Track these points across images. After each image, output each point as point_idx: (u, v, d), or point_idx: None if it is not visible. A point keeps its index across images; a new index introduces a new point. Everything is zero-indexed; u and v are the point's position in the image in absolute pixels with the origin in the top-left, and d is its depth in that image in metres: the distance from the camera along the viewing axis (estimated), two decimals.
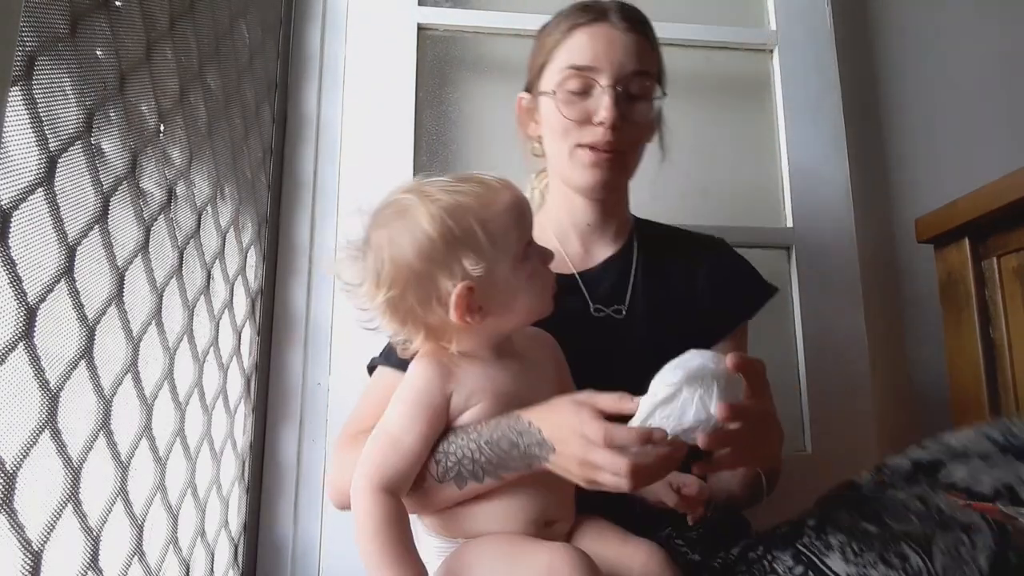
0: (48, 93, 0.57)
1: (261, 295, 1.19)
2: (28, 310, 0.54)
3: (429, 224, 0.68)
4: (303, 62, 1.34)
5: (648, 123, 0.97)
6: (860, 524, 0.70)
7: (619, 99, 0.90)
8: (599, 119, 0.90)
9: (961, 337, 1.14)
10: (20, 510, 0.53)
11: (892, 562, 0.65)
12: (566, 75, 0.92)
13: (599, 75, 0.91)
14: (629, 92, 0.92)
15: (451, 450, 0.71)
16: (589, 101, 0.91)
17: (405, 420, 0.70)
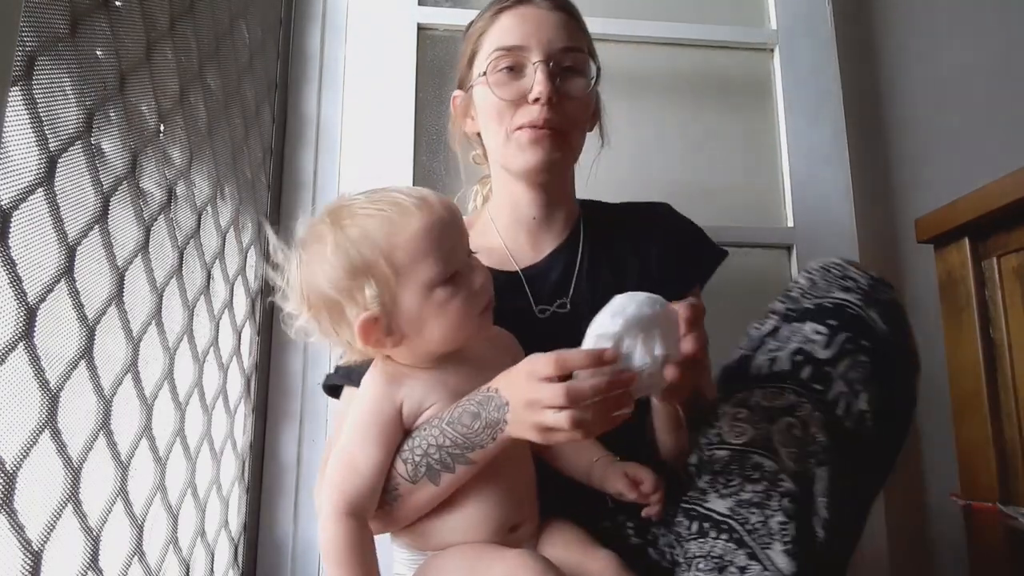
0: (48, 93, 0.57)
1: (261, 295, 1.19)
2: (28, 310, 0.54)
3: (333, 255, 0.67)
4: (303, 62, 1.34)
5: (586, 99, 0.93)
6: (713, 454, 0.73)
7: (552, 74, 0.88)
8: (534, 95, 0.87)
9: (961, 337, 1.13)
10: (20, 510, 0.53)
11: (753, 476, 0.68)
12: (496, 56, 0.90)
13: (529, 52, 0.89)
14: (562, 67, 0.90)
15: (415, 444, 0.69)
16: (522, 80, 0.89)
17: (358, 438, 0.70)
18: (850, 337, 0.69)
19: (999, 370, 1.08)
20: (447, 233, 0.70)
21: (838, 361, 0.69)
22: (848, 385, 0.68)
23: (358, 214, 0.69)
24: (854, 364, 0.68)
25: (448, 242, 0.69)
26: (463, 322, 0.70)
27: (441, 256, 0.69)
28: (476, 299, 0.70)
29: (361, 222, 0.68)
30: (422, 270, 0.68)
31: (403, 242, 0.67)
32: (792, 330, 0.73)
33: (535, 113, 0.88)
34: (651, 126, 1.41)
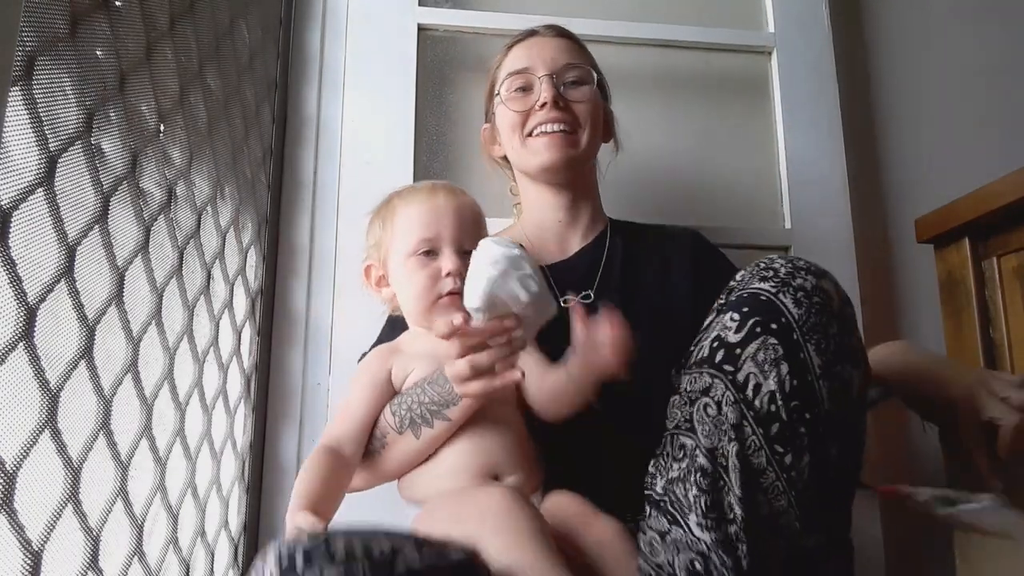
0: (48, 93, 0.57)
1: (261, 295, 1.19)
2: (28, 310, 0.54)
3: (372, 211, 0.93)
4: (303, 62, 1.34)
5: (592, 102, 1.04)
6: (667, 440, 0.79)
7: (555, 84, 1.01)
8: (540, 101, 1.01)
9: (961, 337, 1.14)
10: (20, 510, 0.53)
11: (678, 455, 0.76)
12: (509, 81, 1.05)
13: (535, 71, 1.03)
14: (565, 81, 1.03)
15: (403, 400, 0.80)
16: (532, 95, 1.03)
17: (355, 389, 0.83)
18: (758, 321, 0.73)
19: (999, 370, 1.08)
20: (436, 217, 0.85)
21: (747, 344, 0.72)
22: (757, 366, 0.71)
23: (400, 192, 0.92)
24: (762, 346, 0.72)
25: (434, 225, 0.85)
26: (422, 296, 0.84)
27: (421, 233, 0.85)
28: (437, 281, 0.83)
29: (398, 193, 0.92)
30: (404, 238, 0.86)
31: (400, 213, 0.88)
32: (716, 320, 0.77)
33: (543, 116, 1.01)
34: (649, 128, 1.41)
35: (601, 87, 1.08)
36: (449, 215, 0.86)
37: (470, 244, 0.80)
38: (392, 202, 0.91)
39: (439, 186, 0.90)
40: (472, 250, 0.77)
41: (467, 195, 0.91)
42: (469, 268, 0.72)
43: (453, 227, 0.85)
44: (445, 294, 0.83)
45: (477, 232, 0.87)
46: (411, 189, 0.92)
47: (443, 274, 0.83)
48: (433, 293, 0.83)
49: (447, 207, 0.86)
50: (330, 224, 1.29)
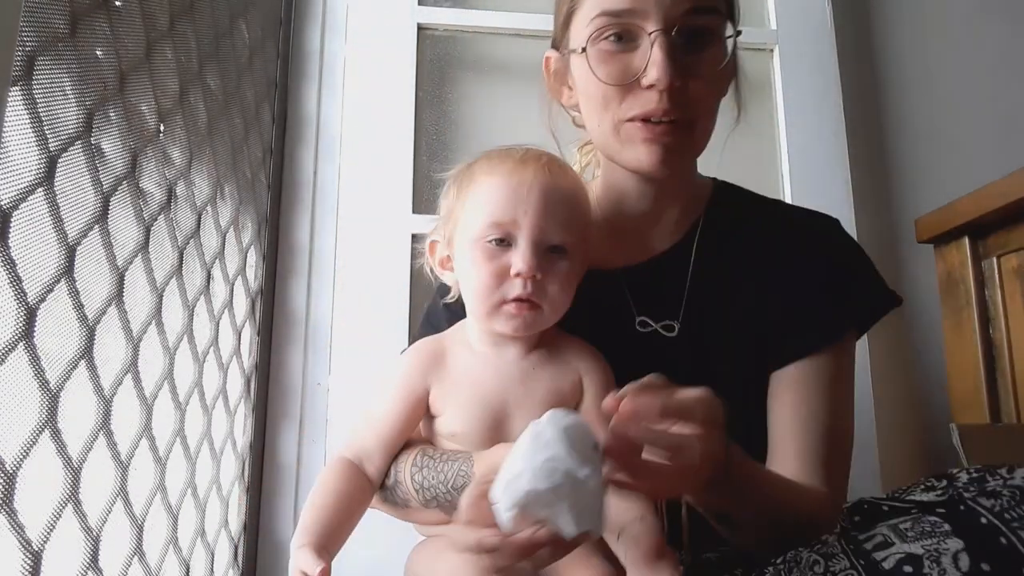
0: (48, 93, 0.57)
1: (261, 295, 1.19)
2: (28, 310, 0.54)
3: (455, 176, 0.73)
4: (303, 62, 1.34)
5: (720, 75, 0.73)
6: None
7: (675, 49, 0.68)
8: (650, 81, 0.68)
9: (961, 337, 1.13)
10: (20, 510, 0.53)
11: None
12: (599, 24, 0.70)
13: (644, 19, 0.68)
14: (688, 36, 0.69)
15: (426, 477, 0.68)
16: (634, 55, 0.70)
17: (386, 405, 0.71)
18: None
19: (999, 370, 1.08)
20: (517, 197, 0.65)
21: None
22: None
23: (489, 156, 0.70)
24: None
25: (512, 207, 0.65)
26: (483, 295, 0.67)
27: (493, 214, 0.66)
28: (504, 281, 0.65)
29: (478, 165, 0.70)
30: (474, 217, 0.67)
31: (479, 183, 0.68)
32: (934, 533, 0.53)
33: (652, 103, 0.69)
34: None
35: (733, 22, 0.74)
36: (535, 196, 0.65)
37: (557, 238, 0.66)
38: (474, 166, 0.70)
39: (532, 156, 0.68)
40: (559, 245, 0.66)
41: (568, 172, 0.70)
42: (518, 447, 0.51)
43: (536, 213, 0.65)
44: (511, 299, 0.65)
45: (570, 224, 0.67)
46: (500, 154, 0.69)
47: (512, 273, 0.65)
48: (497, 295, 0.66)
49: (535, 185, 0.65)
50: (330, 224, 1.29)
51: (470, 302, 0.69)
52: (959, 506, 0.54)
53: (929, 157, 1.48)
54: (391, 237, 1.29)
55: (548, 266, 0.66)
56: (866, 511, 0.59)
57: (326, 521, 0.64)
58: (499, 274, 0.65)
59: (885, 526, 0.55)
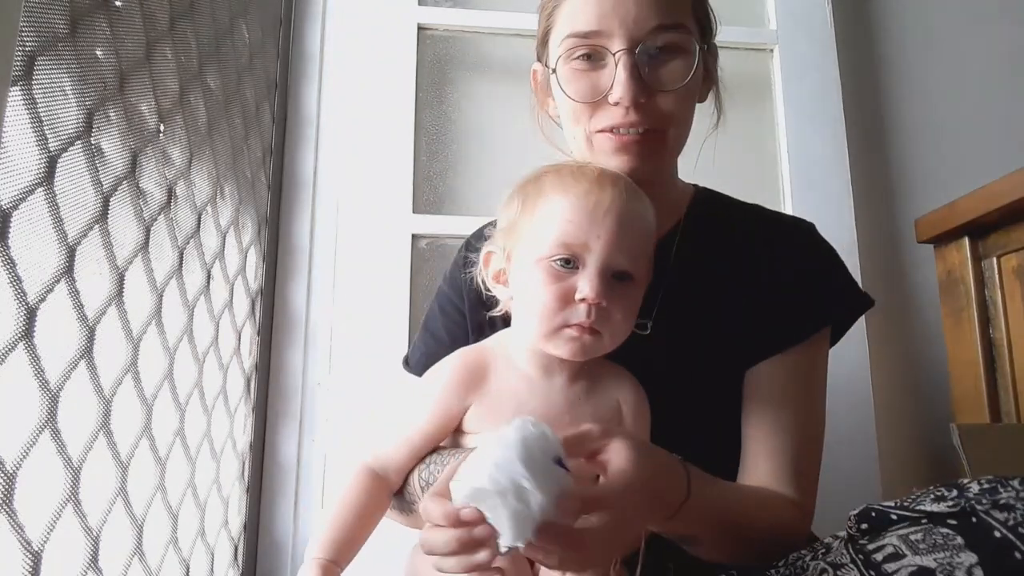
0: (48, 93, 0.57)
1: (261, 295, 1.19)
2: (28, 310, 0.54)
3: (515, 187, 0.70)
4: (303, 62, 1.34)
5: (688, 86, 0.74)
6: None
7: (638, 68, 0.71)
8: (615, 99, 0.71)
9: (961, 337, 1.13)
10: (20, 510, 0.53)
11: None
12: (568, 45, 0.74)
13: (609, 39, 0.72)
14: (651, 51, 0.72)
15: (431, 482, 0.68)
16: (602, 73, 0.73)
17: (419, 417, 0.69)
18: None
19: (999, 370, 1.08)
20: (591, 220, 0.63)
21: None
22: None
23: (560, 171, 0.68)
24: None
25: (585, 229, 0.63)
26: (544, 317, 0.64)
27: (564, 234, 0.63)
28: (567, 306, 0.63)
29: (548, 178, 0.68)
30: (542, 234, 0.64)
31: (549, 199, 0.65)
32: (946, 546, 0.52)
33: (619, 117, 0.72)
34: None
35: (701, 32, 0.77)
36: (610, 221, 0.63)
37: (626, 264, 0.64)
38: (543, 180, 0.67)
39: (609, 178, 0.66)
40: (626, 272, 0.64)
41: (643, 199, 0.68)
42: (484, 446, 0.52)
43: (609, 239, 0.63)
44: (572, 324, 0.63)
45: (640, 252, 0.66)
46: (574, 171, 0.67)
47: (576, 298, 0.63)
48: (559, 318, 0.63)
49: (612, 210, 0.63)
50: (330, 224, 1.29)
51: (527, 322, 0.66)
52: (971, 518, 0.53)
53: (929, 157, 1.48)
54: (391, 237, 1.29)
55: (613, 293, 0.64)
56: (874, 519, 0.58)
57: (345, 536, 0.65)
58: (563, 297, 0.63)
59: (895, 536, 0.55)
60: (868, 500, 0.96)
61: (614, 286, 0.64)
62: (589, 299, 0.62)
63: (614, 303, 0.64)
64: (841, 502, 1.21)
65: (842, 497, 1.21)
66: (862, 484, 1.26)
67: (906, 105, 1.51)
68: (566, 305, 0.63)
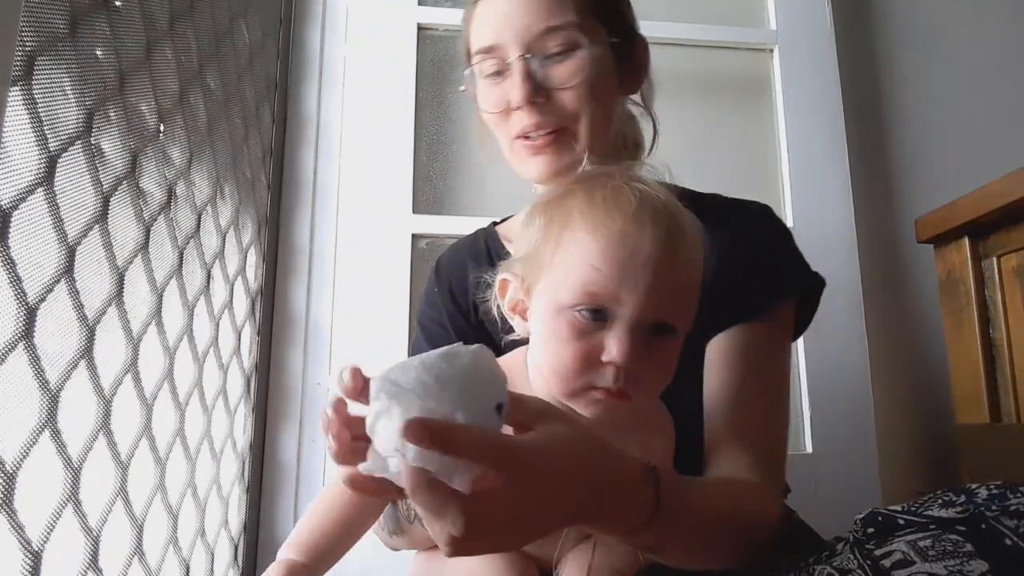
0: (48, 93, 0.57)
1: (261, 295, 1.19)
2: (28, 310, 0.54)
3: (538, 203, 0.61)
4: (303, 62, 1.34)
5: (587, 77, 0.76)
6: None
7: (531, 71, 0.75)
8: (513, 103, 0.75)
9: (961, 337, 1.13)
10: (20, 510, 0.53)
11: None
12: (477, 61, 0.79)
13: (506, 50, 0.76)
14: (546, 54, 0.75)
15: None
16: (506, 84, 0.77)
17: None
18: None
19: (999, 370, 1.08)
20: (628, 268, 0.53)
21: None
22: None
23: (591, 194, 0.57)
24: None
25: (617, 283, 0.53)
26: (566, 374, 0.55)
27: (595, 283, 0.54)
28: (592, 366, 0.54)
29: (577, 203, 0.57)
30: (562, 278, 0.56)
31: (579, 236, 0.55)
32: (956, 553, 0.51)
33: (524, 120, 0.76)
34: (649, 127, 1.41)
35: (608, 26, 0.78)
36: (647, 273, 0.54)
37: (665, 317, 0.55)
38: (571, 205, 0.57)
39: (649, 215, 0.55)
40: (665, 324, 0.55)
41: (689, 233, 0.57)
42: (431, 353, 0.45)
43: (647, 292, 0.54)
44: (599, 388, 0.55)
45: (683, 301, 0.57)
46: (607, 199, 0.56)
47: (603, 359, 0.54)
48: (581, 381, 0.55)
49: (650, 259, 0.54)
50: (330, 224, 1.29)
51: (547, 374, 0.58)
52: (980, 524, 0.52)
53: (929, 157, 1.48)
54: (391, 237, 1.29)
55: (648, 351, 0.55)
56: (880, 523, 0.58)
57: (322, 538, 0.62)
58: (587, 357, 0.54)
59: (903, 542, 0.53)
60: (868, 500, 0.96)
61: (650, 341, 0.55)
62: (618, 363, 0.54)
63: (648, 362, 0.55)
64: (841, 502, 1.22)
65: (842, 497, 1.21)
66: (862, 484, 1.27)
67: (906, 105, 1.51)
68: (591, 366, 0.54)
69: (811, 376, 1.31)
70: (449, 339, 0.85)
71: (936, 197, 1.22)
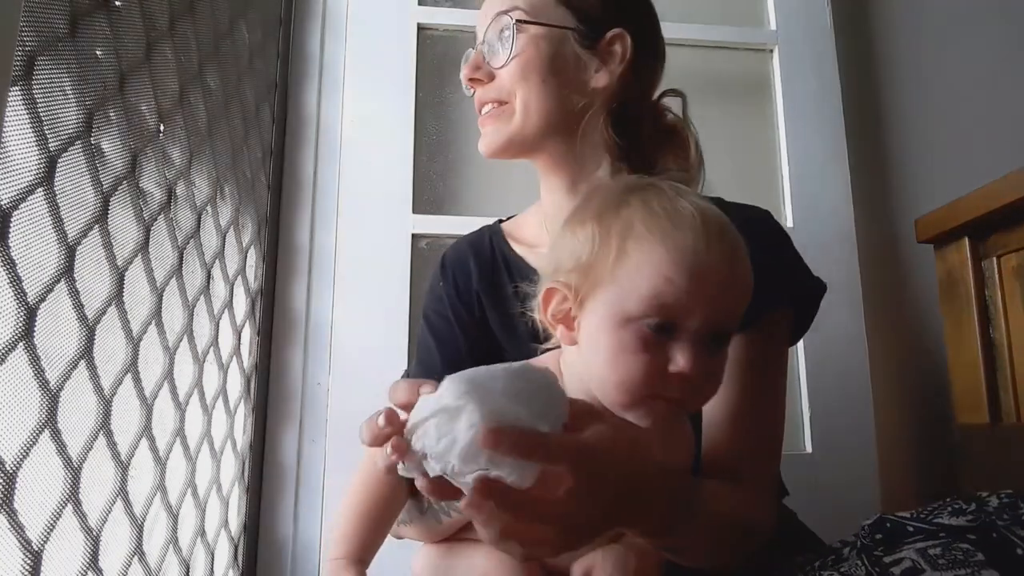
0: (48, 93, 0.57)
1: (261, 295, 1.19)
2: (28, 310, 0.54)
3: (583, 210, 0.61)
4: (303, 62, 1.34)
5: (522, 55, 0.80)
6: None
7: (480, 52, 0.84)
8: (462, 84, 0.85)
9: (961, 337, 1.13)
10: (20, 510, 0.53)
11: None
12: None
13: (478, 38, 0.86)
14: (490, 39, 0.84)
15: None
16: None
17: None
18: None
19: (999, 370, 1.08)
20: (694, 280, 0.54)
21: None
22: None
23: (649, 204, 0.57)
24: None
25: (686, 291, 0.54)
26: (631, 386, 0.55)
27: (660, 298, 0.54)
28: (660, 378, 0.55)
29: (637, 214, 0.57)
30: (628, 290, 0.55)
31: (642, 247, 0.55)
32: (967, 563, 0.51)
33: (476, 97, 0.85)
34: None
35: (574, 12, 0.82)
36: (717, 284, 0.55)
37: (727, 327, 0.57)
38: (631, 216, 0.57)
39: (715, 229, 0.56)
40: (725, 334, 0.57)
41: (744, 256, 0.58)
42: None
43: (715, 303, 0.55)
44: (663, 396, 0.56)
45: (741, 311, 0.59)
46: (667, 210, 0.57)
47: (671, 370, 0.55)
48: (648, 390, 0.55)
49: (720, 270, 0.55)
50: (330, 224, 1.29)
51: (606, 387, 0.57)
52: (992, 533, 0.52)
53: (929, 157, 1.48)
54: (391, 237, 1.29)
55: (710, 358, 0.56)
56: (888, 530, 0.57)
57: (365, 529, 0.63)
58: (655, 370, 0.55)
59: (913, 550, 0.53)
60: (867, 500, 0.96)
61: (711, 349, 0.56)
62: (689, 375, 0.54)
63: (709, 370, 0.56)
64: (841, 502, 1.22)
65: (842, 497, 1.21)
66: (861, 484, 1.26)
67: (906, 105, 1.51)
68: (657, 378, 0.55)
69: (811, 376, 1.31)
70: (454, 333, 0.86)
71: (936, 197, 1.22)
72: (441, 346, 0.86)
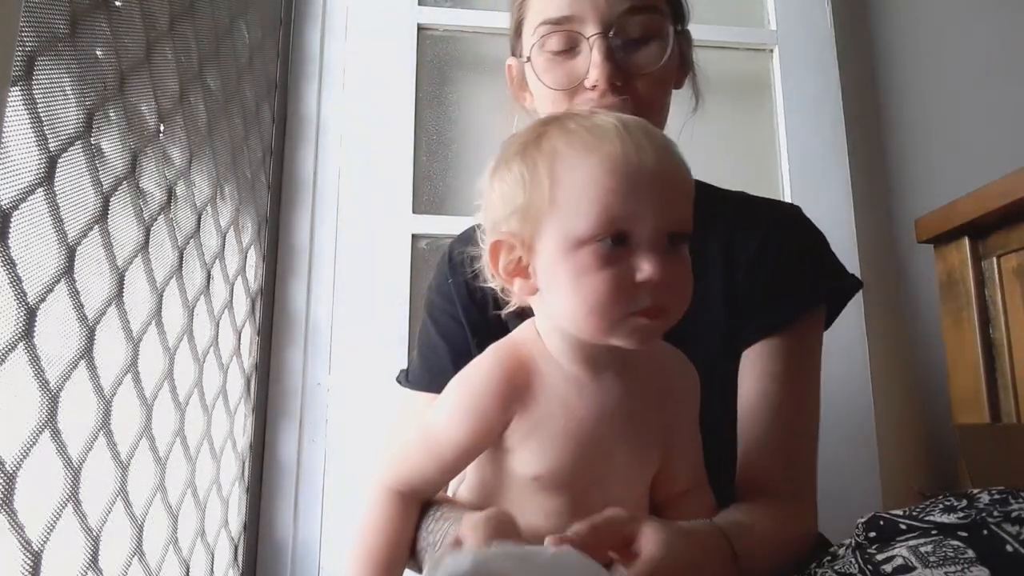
0: (48, 93, 0.57)
1: (261, 295, 1.19)
2: (28, 310, 0.54)
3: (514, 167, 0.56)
4: (303, 62, 1.34)
5: (664, 69, 0.75)
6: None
7: (613, 51, 0.72)
8: (591, 82, 0.72)
9: (961, 337, 1.13)
10: (20, 510, 0.53)
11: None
12: (542, 33, 0.74)
13: (582, 24, 0.72)
14: (628, 36, 0.73)
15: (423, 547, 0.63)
16: (577, 60, 0.73)
17: (452, 432, 0.59)
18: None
19: (999, 370, 1.08)
20: (636, 184, 0.52)
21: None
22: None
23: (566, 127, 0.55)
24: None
25: (633, 197, 0.52)
26: (602, 308, 0.53)
27: (607, 211, 0.52)
28: (629, 291, 0.53)
29: (559, 139, 0.55)
30: (573, 215, 0.53)
31: (573, 166, 0.53)
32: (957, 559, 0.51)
33: (596, 102, 0.72)
34: None
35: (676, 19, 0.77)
36: (658, 181, 0.53)
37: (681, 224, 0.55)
38: (552, 143, 0.55)
39: (638, 130, 0.54)
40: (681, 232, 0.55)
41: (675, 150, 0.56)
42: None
43: (661, 202, 0.53)
44: (639, 312, 0.53)
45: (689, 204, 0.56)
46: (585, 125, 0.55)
47: (638, 279, 0.53)
48: (620, 308, 0.53)
49: (655, 169, 0.53)
50: (330, 224, 1.29)
51: (576, 315, 0.55)
52: (982, 530, 0.52)
53: (929, 157, 1.48)
54: (391, 237, 1.29)
55: (673, 260, 0.54)
56: (882, 527, 0.58)
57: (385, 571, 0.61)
58: (621, 283, 0.52)
59: (904, 547, 0.54)
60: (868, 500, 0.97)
61: (672, 251, 0.54)
62: (655, 279, 0.52)
63: (675, 271, 0.54)
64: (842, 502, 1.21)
65: (843, 497, 1.21)
66: (862, 484, 1.26)
67: (906, 105, 1.51)
68: (626, 291, 0.53)
69: None
70: (463, 333, 0.83)
71: (936, 197, 1.22)
72: (450, 347, 0.83)
